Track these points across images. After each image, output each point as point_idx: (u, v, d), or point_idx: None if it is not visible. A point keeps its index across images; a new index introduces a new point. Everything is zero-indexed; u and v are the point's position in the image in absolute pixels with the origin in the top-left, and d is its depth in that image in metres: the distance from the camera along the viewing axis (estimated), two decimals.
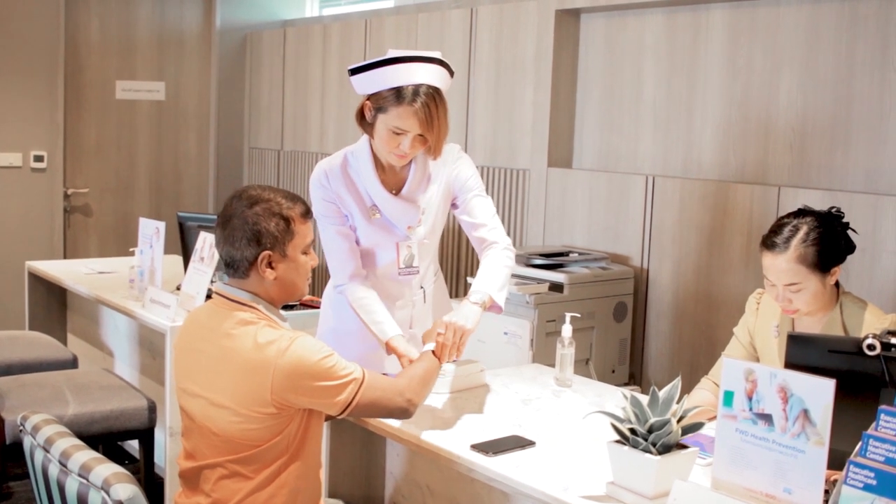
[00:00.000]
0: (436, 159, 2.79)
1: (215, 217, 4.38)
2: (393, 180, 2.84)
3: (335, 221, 2.84)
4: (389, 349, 2.74)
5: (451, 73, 2.74)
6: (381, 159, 2.79)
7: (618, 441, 2.08)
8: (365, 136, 2.80)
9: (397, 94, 2.61)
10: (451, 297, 4.47)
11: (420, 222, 2.85)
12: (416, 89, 2.61)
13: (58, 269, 4.82)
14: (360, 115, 2.73)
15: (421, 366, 2.48)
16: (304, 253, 2.32)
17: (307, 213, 2.33)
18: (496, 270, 2.79)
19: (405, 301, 2.99)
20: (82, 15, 6.43)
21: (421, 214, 2.85)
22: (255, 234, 2.23)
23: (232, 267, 2.29)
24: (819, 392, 1.80)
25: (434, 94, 2.63)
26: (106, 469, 1.89)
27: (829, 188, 3.70)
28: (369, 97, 2.69)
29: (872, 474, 1.66)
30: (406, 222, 2.84)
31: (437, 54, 2.68)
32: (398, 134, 2.65)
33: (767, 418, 1.88)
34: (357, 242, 2.88)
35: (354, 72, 2.68)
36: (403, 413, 2.36)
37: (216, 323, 2.28)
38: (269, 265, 2.26)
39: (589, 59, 4.67)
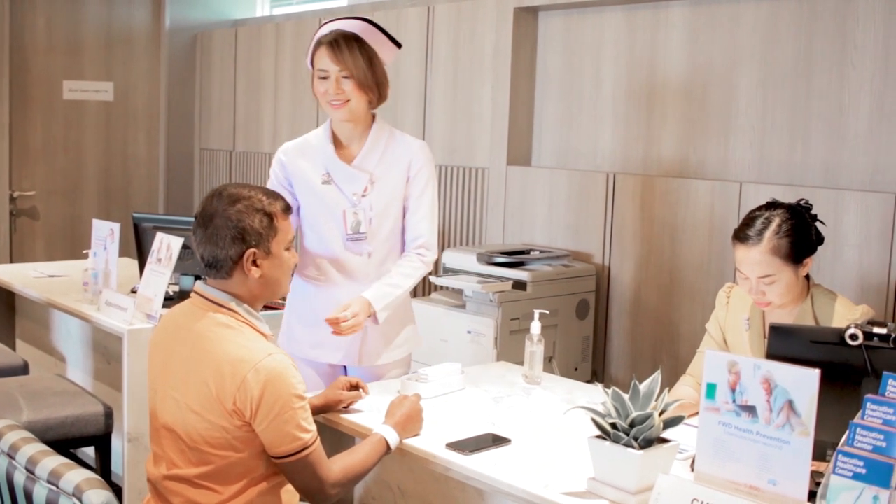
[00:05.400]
0: (378, 104, 2.96)
1: (170, 218, 4.37)
2: (349, 156, 2.98)
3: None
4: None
5: (393, 40, 2.99)
6: (335, 129, 2.97)
7: (599, 436, 2.06)
8: (329, 118, 3.01)
9: (316, 41, 2.89)
10: (417, 293, 4.46)
11: (367, 191, 2.94)
12: (329, 32, 2.88)
13: (5, 273, 4.68)
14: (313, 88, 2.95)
15: (363, 458, 2.28)
16: (287, 249, 2.30)
17: (287, 209, 2.30)
18: (395, 287, 2.91)
19: (356, 283, 2.96)
20: (28, 13, 6.27)
21: (369, 183, 2.94)
22: (240, 232, 2.19)
23: (215, 267, 2.23)
24: (804, 382, 1.79)
25: (348, 36, 2.87)
26: (77, 475, 1.83)
27: (789, 183, 3.73)
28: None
29: (861, 463, 1.66)
30: (353, 189, 2.94)
31: (371, 21, 2.94)
32: (323, 79, 2.87)
33: (751, 410, 1.87)
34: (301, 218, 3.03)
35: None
36: (319, 501, 2.22)
37: (192, 323, 2.23)
38: (254, 263, 2.22)
39: (547, 56, 4.66)
